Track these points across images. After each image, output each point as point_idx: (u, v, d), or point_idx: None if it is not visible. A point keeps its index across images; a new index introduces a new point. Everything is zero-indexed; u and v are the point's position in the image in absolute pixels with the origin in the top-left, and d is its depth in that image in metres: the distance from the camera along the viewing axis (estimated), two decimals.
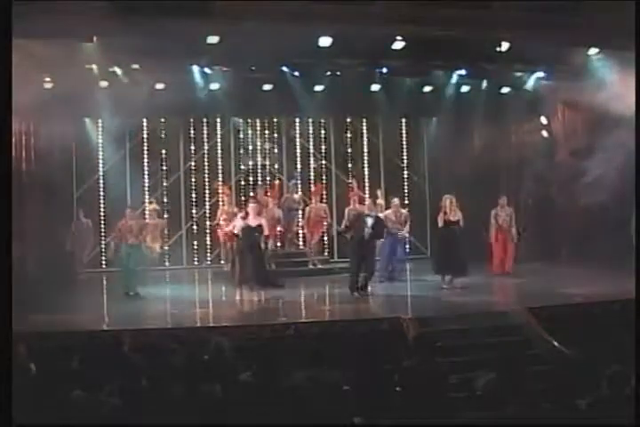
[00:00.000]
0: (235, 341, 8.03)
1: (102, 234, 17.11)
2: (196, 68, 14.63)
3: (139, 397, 5.82)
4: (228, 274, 14.46)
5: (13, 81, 6.88)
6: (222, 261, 17.56)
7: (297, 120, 18.59)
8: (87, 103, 14.90)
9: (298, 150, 18.61)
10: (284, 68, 14.84)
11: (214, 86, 15.16)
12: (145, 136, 17.88)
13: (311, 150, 18.64)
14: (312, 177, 18.27)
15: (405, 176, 19.10)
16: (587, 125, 15.94)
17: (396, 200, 14.66)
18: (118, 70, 14.06)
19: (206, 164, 18.13)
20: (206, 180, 18.08)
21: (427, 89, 16.28)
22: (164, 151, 17.98)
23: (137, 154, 17.74)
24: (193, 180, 18.05)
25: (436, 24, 11.74)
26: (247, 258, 12.02)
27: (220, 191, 17.02)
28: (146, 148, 17.87)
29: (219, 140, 18.25)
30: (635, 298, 9.15)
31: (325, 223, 16.49)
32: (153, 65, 13.74)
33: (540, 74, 15.55)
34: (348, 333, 9.68)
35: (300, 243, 17.11)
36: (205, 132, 18.20)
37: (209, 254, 18.01)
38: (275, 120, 18.53)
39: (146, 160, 17.86)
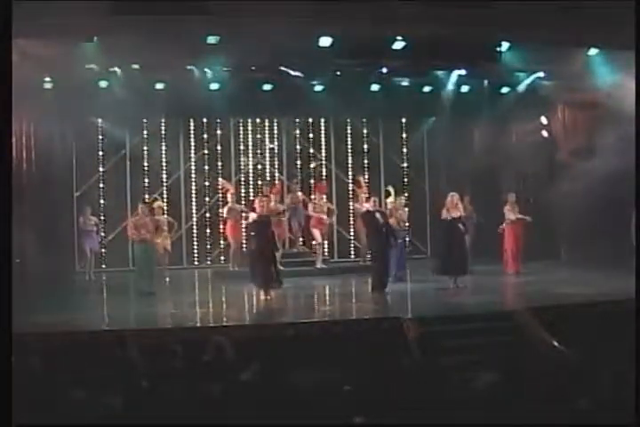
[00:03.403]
0: (241, 341, 8.06)
1: (103, 233, 17.13)
2: (195, 68, 14.63)
3: (145, 397, 5.83)
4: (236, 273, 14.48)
5: (13, 81, 6.88)
6: (223, 261, 17.61)
7: (297, 120, 18.59)
8: (87, 103, 14.90)
9: (298, 150, 18.61)
10: (284, 68, 14.84)
11: (214, 86, 15.16)
12: (145, 136, 17.88)
13: (311, 150, 18.65)
14: (312, 177, 18.27)
15: (405, 176, 19.11)
16: (587, 125, 15.95)
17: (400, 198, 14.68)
18: (118, 70, 14.08)
19: (206, 164, 18.13)
20: (206, 180, 18.08)
21: (427, 89, 16.28)
22: (164, 151, 17.98)
23: (137, 154, 17.73)
24: (193, 180, 18.05)
25: (436, 24, 11.75)
26: (257, 256, 12.05)
27: (224, 189, 16.85)
28: (146, 148, 17.86)
29: (219, 140, 18.25)
30: (635, 298, 9.16)
31: (327, 222, 16.45)
32: (153, 65, 13.76)
33: (540, 74, 15.56)
34: (349, 332, 9.69)
35: (301, 243, 17.08)
36: (205, 132, 18.20)
37: (209, 254, 18.02)
38: (275, 120, 18.53)
39: (146, 160, 17.85)
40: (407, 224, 15.15)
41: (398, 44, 12.93)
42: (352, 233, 18.07)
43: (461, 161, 17.68)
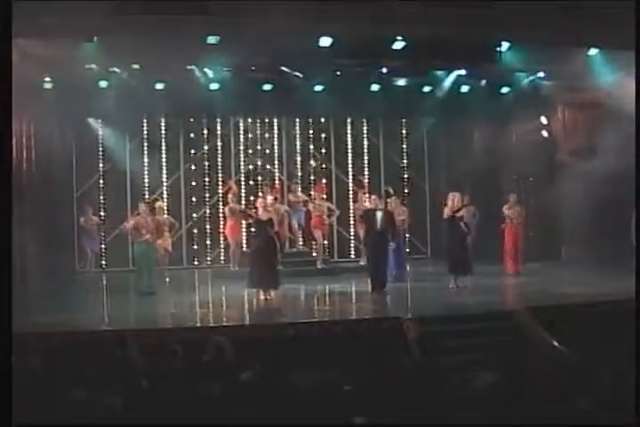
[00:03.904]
0: (241, 341, 8.07)
1: (103, 233, 17.13)
2: (195, 68, 14.63)
3: (144, 397, 5.83)
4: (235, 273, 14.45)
5: (13, 81, 6.88)
6: (223, 261, 17.61)
7: (297, 120, 18.59)
8: (87, 103, 14.90)
9: (298, 150, 18.61)
10: (284, 68, 14.85)
11: (214, 86, 15.16)
12: (145, 136, 17.88)
13: (311, 150, 18.65)
14: (312, 177, 18.27)
15: (405, 176, 19.11)
16: (587, 125, 15.95)
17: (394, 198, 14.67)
18: (118, 70, 14.08)
19: (206, 164, 18.13)
20: (206, 180, 18.09)
21: (427, 89, 16.27)
22: (164, 151, 17.97)
23: (137, 154, 17.73)
24: (193, 180, 18.05)
25: (436, 24, 11.75)
26: (258, 256, 12.04)
27: (228, 188, 16.81)
28: (146, 148, 17.86)
29: (219, 140, 18.25)
30: (635, 298, 9.16)
31: (327, 222, 16.46)
32: (153, 65, 13.76)
33: (540, 74, 15.56)
34: (349, 332, 9.70)
35: (301, 242, 17.07)
36: (205, 132, 18.20)
37: (209, 254, 18.02)
38: (275, 120, 18.53)
39: (146, 160, 17.85)
40: (407, 224, 15.15)
41: (398, 44, 12.94)
42: (352, 233, 18.06)
43: (461, 161, 17.67)
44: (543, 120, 16.93)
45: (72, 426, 5.38)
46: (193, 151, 18.05)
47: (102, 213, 17.22)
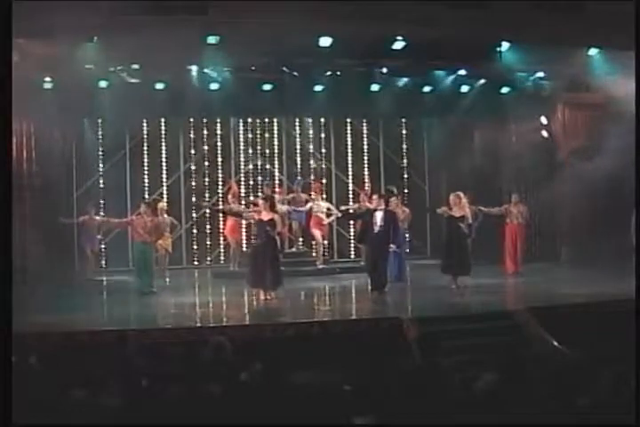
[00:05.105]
0: (241, 341, 8.08)
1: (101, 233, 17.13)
2: (195, 68, 14.63)
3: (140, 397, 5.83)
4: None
5: (14, 81, 6.88)
6: (223, 261, 17.62)
7: (297, 120, 18.59)
8: (87, 103, 14.90)
9: (298, 150, 18.61)
10: (284, 68, 14.85)
11: (214, 86, 15.16)
12: (145, 136, 17.88)
13: (311, 150, 18.65)
14: (312, 177, 18.27)
15: (405, 176, 19.11)
16: (587, 125, 15.96)
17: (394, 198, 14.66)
18: (118, 70, 14.08)
19: (206, 164, 18.13)
20: (206, 180, 18.09)
21: (427, 89, 16.27)
22: (163, 151, 17.98)
23: (137, 154, 17.73)
24: (193, 180, 18.05)
25: (436, 24, 11.75)
26: (259, 256, 12.02)
27: (229, 188, 16.80)
28: (146, 148, 17.86)
29: (219, 140, 18.25)
30: (635, 298, 9.17)
31: (326, 222, 16.45)
32: (153, 65, 13.76)
33: (540, 74, 15.57)
34: (349, 332, 9.69)
35: (301, 242, 17.07)
36: (205, 132, 18.20)
37: (209, 254, 18.02)
38: (275, 120, 18.53)
39: (146, 160, 17.85)
40: (407, 223, 15.14)
41: (398, 44, 12.94)
42: (352, 233, 18.06)
43: (461, 161, 17.67)
44: (543, 120, 16.92)
45: (72, 426, 5.38)
46: (193, 151, 18.06)
47: (102, 213, 17.20)
